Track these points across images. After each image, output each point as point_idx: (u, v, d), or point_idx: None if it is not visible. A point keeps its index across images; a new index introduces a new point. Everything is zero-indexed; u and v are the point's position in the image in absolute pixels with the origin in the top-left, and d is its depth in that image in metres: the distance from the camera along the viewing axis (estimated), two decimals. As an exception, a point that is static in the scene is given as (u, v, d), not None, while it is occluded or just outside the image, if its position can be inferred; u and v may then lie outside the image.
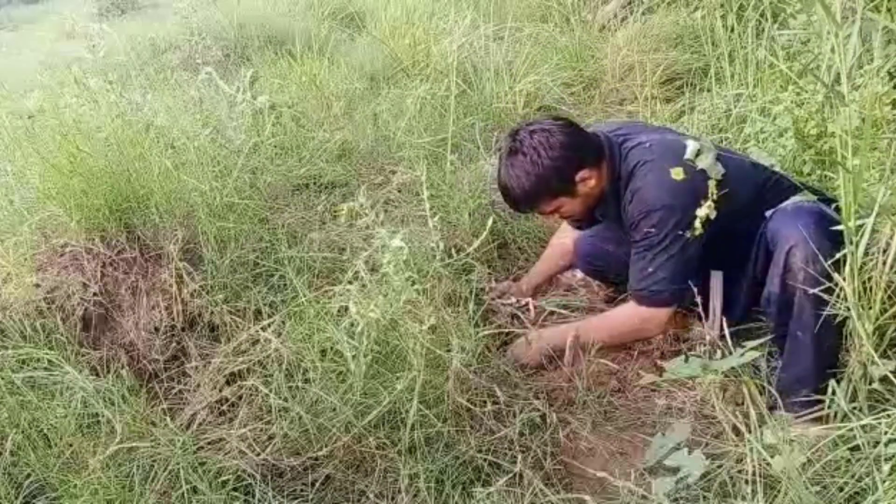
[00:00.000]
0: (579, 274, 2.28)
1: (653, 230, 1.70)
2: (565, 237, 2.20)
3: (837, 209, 1.53)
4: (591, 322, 1.95)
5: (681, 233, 1.67)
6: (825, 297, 1.45)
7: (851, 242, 1.40)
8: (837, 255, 1.44)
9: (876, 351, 1.41)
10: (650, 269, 1.72)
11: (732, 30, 3.12)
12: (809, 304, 1.51)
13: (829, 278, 1.45)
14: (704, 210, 1.61)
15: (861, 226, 1.39)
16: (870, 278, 1.40)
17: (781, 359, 1.62)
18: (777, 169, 1.94)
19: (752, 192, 1.73)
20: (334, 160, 2.74)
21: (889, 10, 2.11)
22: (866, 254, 1.41)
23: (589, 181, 1.79)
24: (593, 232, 2.09)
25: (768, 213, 1.67)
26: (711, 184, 1.61)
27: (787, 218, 1.58)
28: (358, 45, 4.27)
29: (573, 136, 1.77)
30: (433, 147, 2.75)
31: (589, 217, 1.95)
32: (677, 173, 1.67)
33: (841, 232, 1.45)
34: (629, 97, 3.43)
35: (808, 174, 2.16)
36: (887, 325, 1.44)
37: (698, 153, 1.68)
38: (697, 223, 1.63)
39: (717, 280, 1.74)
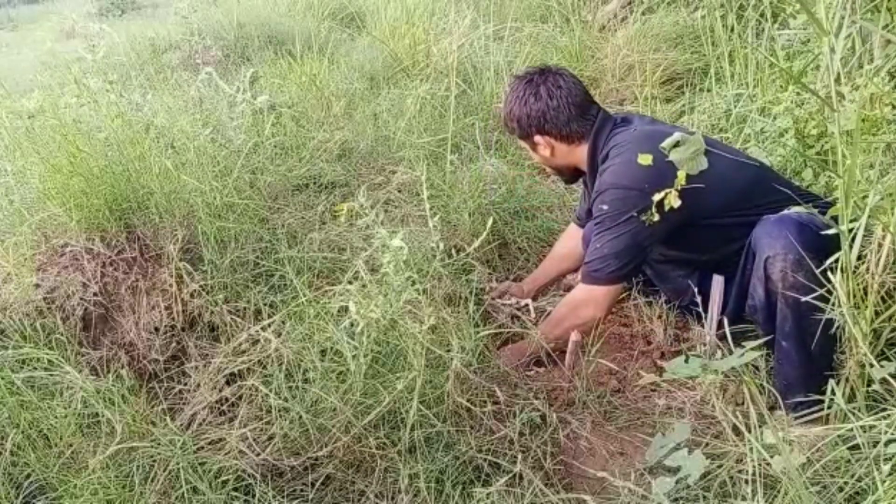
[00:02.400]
0: (580, 274, 2.28)
1: (605, 207, 1.73)
2: (570, 240, 2.20)
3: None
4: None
5: (635, 215, 1.68)
6: (815, 303, 1.43)
7: (849, 245, 1.39)
8: (827, 263, 1.41)
9: (872, 352, 1.40)
10: (598, 245, 1.76)
11: (732, 30, 3.13)
12: (791, 314, 1.50)
13: (816, 286, 1.43)
14: (660, 196, 1.62)
15: (852, 228, 1.38)
16: (864, 281, 1.40)
17: (774, 363, 1.62)
18: (776, 172, 1.94)
19: (741, 191, 1.73)
20: (334, 160, 2.74)
21: (889, 9, 2.11)
22: (860, 256, 1.40)
23: (545, 148, 1.90)
24: None
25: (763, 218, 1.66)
26: (681, 174, 1.61)
27: (770, 227, 1.56)
28: (358, 45, 4.28)
29: (555, 107, 1.84)
30: (433, 147, 2.75)
31: (570, 179, 2.06)
32: (644, 159, 1.68)
33: (826, 240, 1.43)
34: (629, 97, 3.43)
35: (810, 177, 2.16)
36: (882, 326, 1.43)
37: (676, 145, 1.68)
38: (654, 209, 1.63)
39: (717, 285, 1.74)
